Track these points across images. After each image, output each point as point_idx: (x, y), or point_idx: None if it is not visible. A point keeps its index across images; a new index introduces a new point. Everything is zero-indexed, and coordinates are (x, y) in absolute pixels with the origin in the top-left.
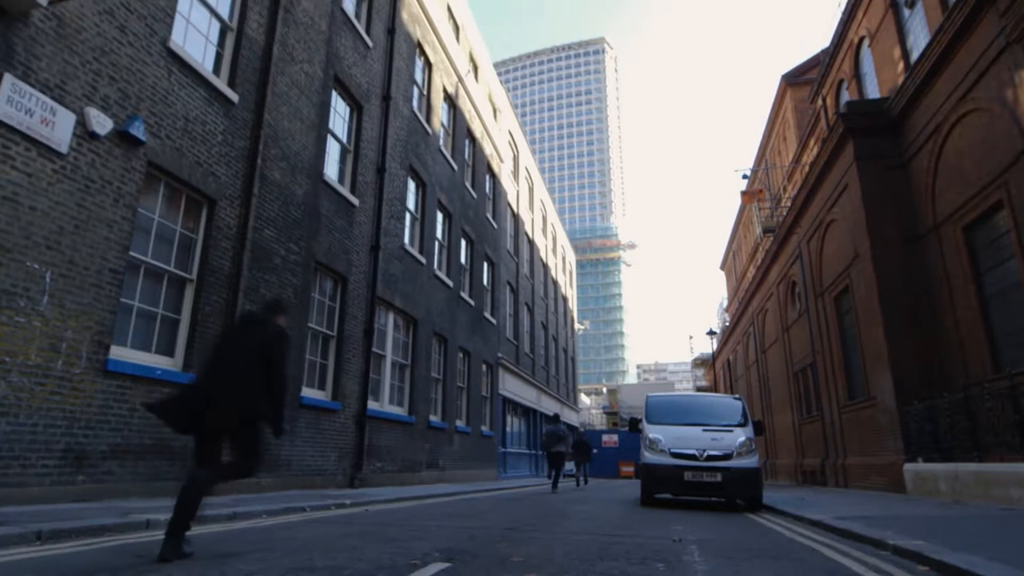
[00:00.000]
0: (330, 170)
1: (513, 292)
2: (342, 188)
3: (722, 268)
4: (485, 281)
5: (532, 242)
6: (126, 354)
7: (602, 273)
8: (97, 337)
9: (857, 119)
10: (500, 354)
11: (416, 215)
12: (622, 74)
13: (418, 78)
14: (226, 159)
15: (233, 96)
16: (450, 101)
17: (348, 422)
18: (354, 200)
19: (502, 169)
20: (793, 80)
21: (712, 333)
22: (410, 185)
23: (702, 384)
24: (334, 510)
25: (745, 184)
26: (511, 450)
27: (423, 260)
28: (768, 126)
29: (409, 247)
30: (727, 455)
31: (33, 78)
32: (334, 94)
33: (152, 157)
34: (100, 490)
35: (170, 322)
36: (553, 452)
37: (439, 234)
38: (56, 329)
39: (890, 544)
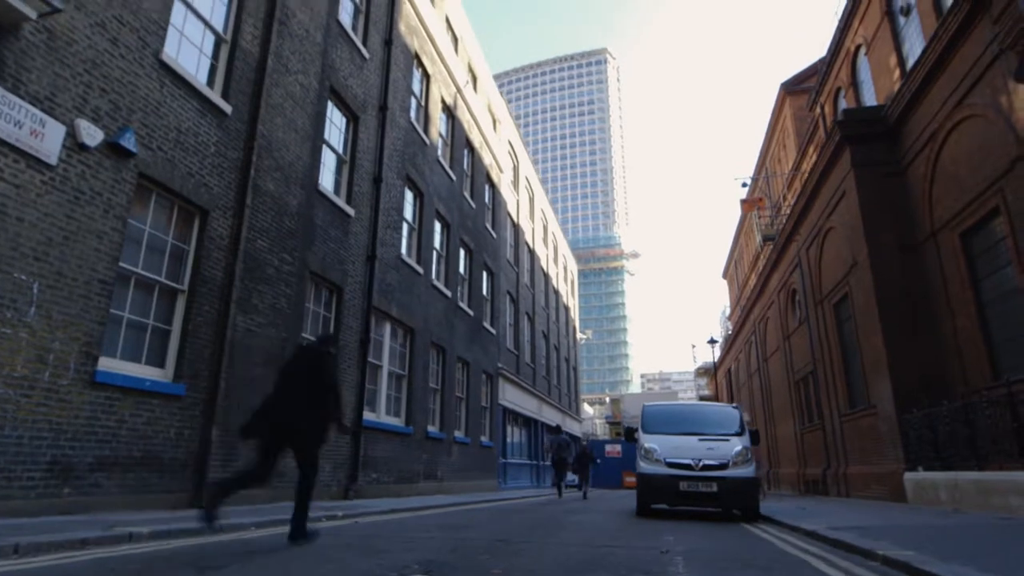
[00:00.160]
0: (325, 180)
1: (513, 302)
2: (337, 198)
3: (724, 277)
4: (484, 291)
5: (533, 252)
6: (115, 365)
7: (605, 283)
8: (85, 348)
9: (854, 126)
10: (500, 364)
11: (413, 225)
12: (624, 84)
13: (416, 89)
14: (219, 170)
15: (226, 107)
16: (448, 112)
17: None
18: (349, 210)
19: (501, 179)
20: (792, 88)
21: (713, 342)
22: (407, 195)
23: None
24: (324, 522)
25: (745, 193)
26: (512, 461)
27: (420, 270)
28: (768, 134)
29: (406, 257)
30: (723, 464)
31: (23, 90)
32: (330, 105)
33: (143, 168)
34: (87, 503)
35: (161, 333)
36: (557, 461)
37: (437, 244)
38: (43, 340)
39: (880, 555)
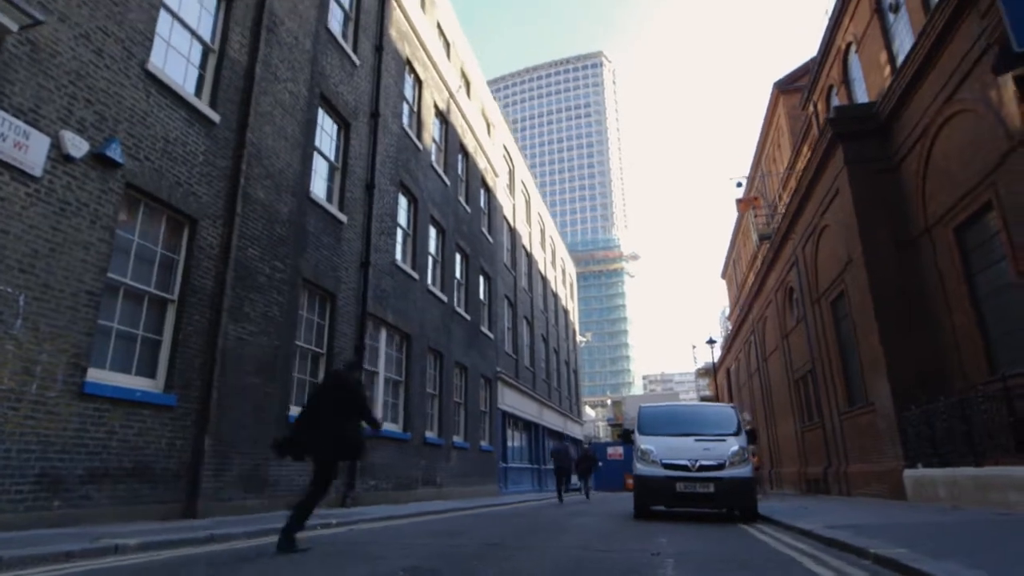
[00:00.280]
0: (317, 187)
1: (511, 306)
2: (329, 205)
3: (723, 277)
4: (482, 295)
5: (530, 255)
6: (104, 376)
7: (605, 285)
8: (73, 360)
9: (845, 124)
10: (499, 368)
11: (408, 231)
12: (620, 86)
13: (408, 94)
14: (208, 179)
15: (214, 116)
16: (442, 117)
17: None
18: (342, 217)
19: (497, 183)
20: (785, 87)
21: (711, 342)
22: (401, 201)
23: (706, 394)
24: (319, 530)
25: (741, 192)
26: (512, 465)
27: (416, 275)
28: (762, 133)
29: (401, 263)
30: (719, 465)
31: (6, 103)
32: (320, 112)
33: (130, 179)
34: (77, 515)
35: (151, 343)
36: (559, 467)
37: (432, 249)
38: (30, 352)
39: (871, 553)
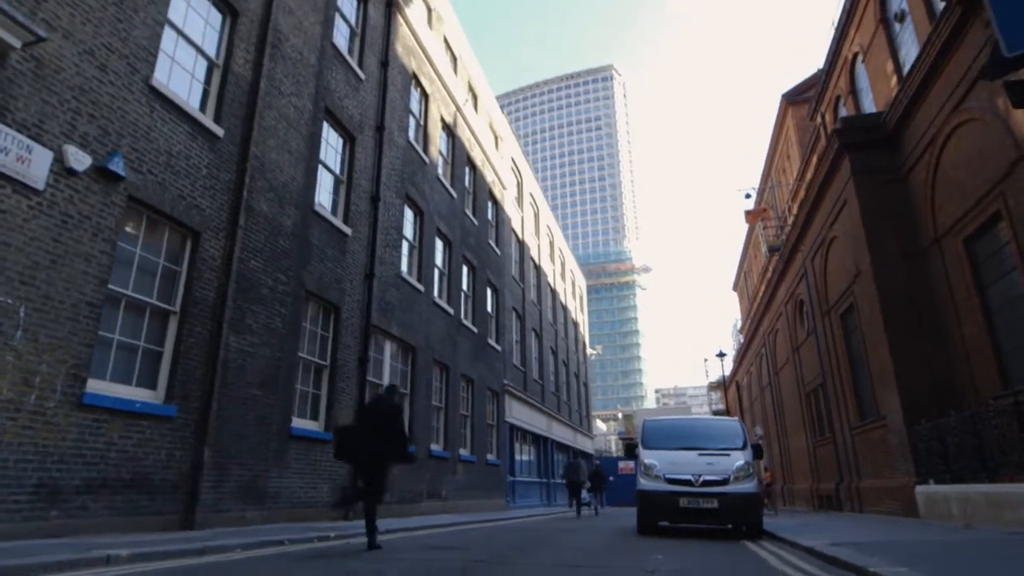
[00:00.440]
0: (321, 200)
1: (519, 318)
2: (334, 218)
3: (734, 289)
4: (489, 308)
5: (539, 268)
6: (104, 387)
7: (617, 297)
8: (73, 371)
9: (852, 134)
10: (506, 381)
11: (414, 243)
12: (631, 99)
13: (414, 108)
14: (211, 192)
15: (218, 130)
16: (448, 130)
17: None
18: (346, 229)
19: (505, 196)
20: (794, 98)
21: (721, 355)
22: (407, 213)
23: (718, 408)
24: (315, 543)
25: (751, 204)
26: (520, 479)
27: (421, 288)
28: (772, 145)
29: (406, 275)
30: (724, 480)
31: (10, 118)
32: (325, 126)
33: (133, 192)
34: (75, 526)
35: (152, 354)
36: (572, 482)
37: (439, 261)
38: (30, 363)
39: (870, 572)
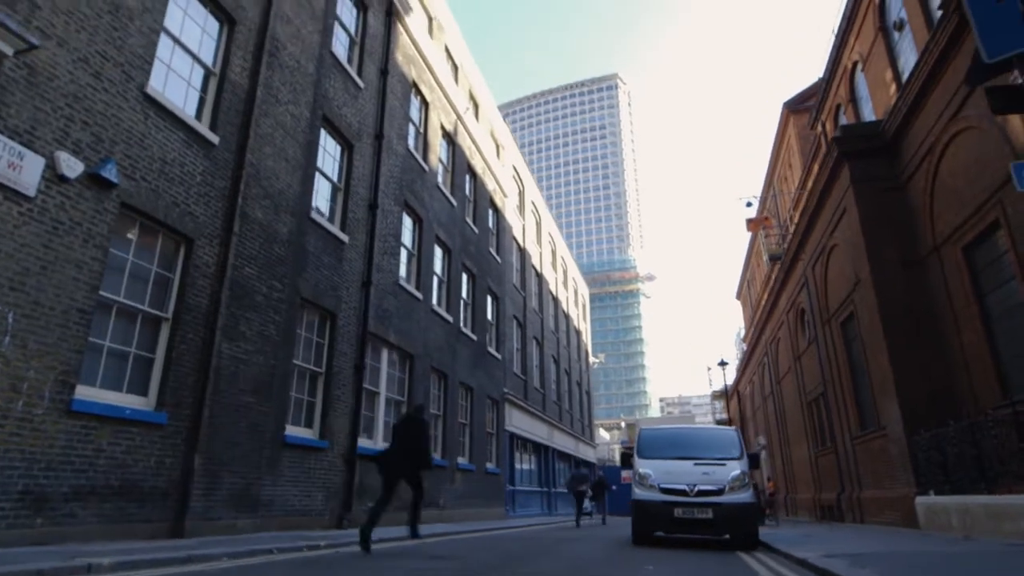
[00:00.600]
0: (318, 207)
1: (520, 326)
2: (331, 225)
3: (738, 298)
4: (489, 315)
5: (541, 276)
6: (93, 394)
7: (621, 306)
8: (62, 377)
9: (851, 143)
10: (506, 389)
11: (412, 251)
12: (635, 107)
13: (414, 116)
14: (205, 199)
15: (214, 138)
16: (449, 138)
17: (337, 461)
18: (344, 237)
19: (506, 204)
20: (795, 107)
21: (723, 364)
22: (405, 221)
23: (722, 417)
24: (305, 552)
25: (753, 212)
26: (520, 488)
27: (420, 295)
28: (773, 153)
29: (404, 282)
30: (719, 490)
31: (1, 124)
32: (323, 133)
33: (126, 198)
34: (61, 533)
35: (144, 361)
36: (576, 491)
37: (438, 269)
38: (17, 369)
39: None
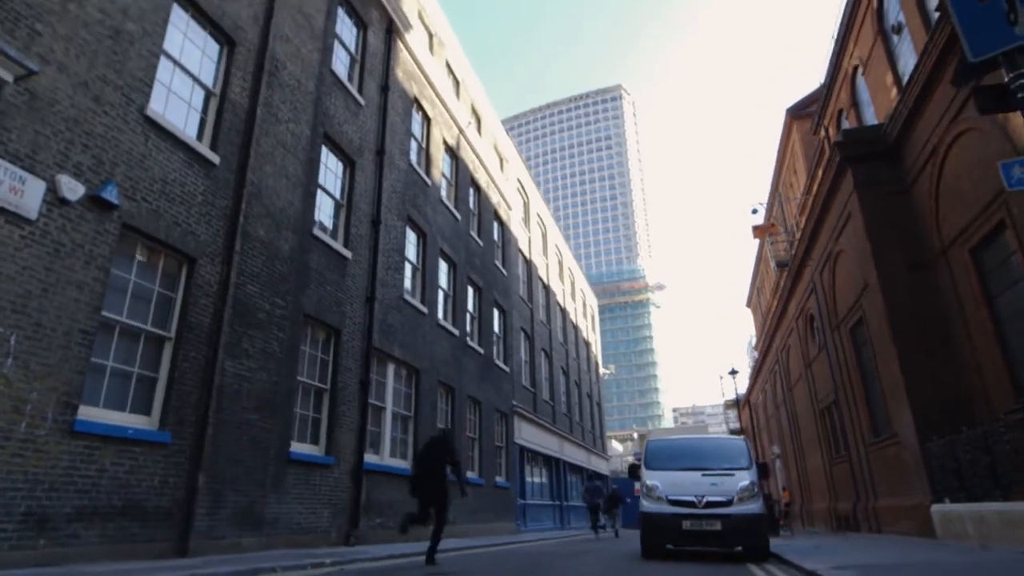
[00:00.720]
0: (320, 224)
1: (528, 338)
2: (334, 242)
3: (748, 306)
4: (496, 328)
5: (548, 287)
6: (96, 414)
7: (631, 316)
8: (64, 398)
9: (853, 147)
10: (515, 402)
11: (417, 265)
12: (640, 117)
13: (416, 132)
14: (207, 218)
15: (214, 158)
16: (451, 153)
17: (343, 477)
18: (346, 253)
19: (511, 216)
20: (798, 113)
21: (734, 373)
22: (409, 235)
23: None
24: (309, 570)
25: (759, 219)
26: (531, 501)
27: (425, 310)
28: (778, 160)
29: (409, 297)
30: (727, 501)
31: (3, 149)
32: (324, 150)
33: (127, 219)
34: (64, 554)
35: (147, 380)
36: (592, 504)
37: (443, 283)
38: (20, 391)
39: None
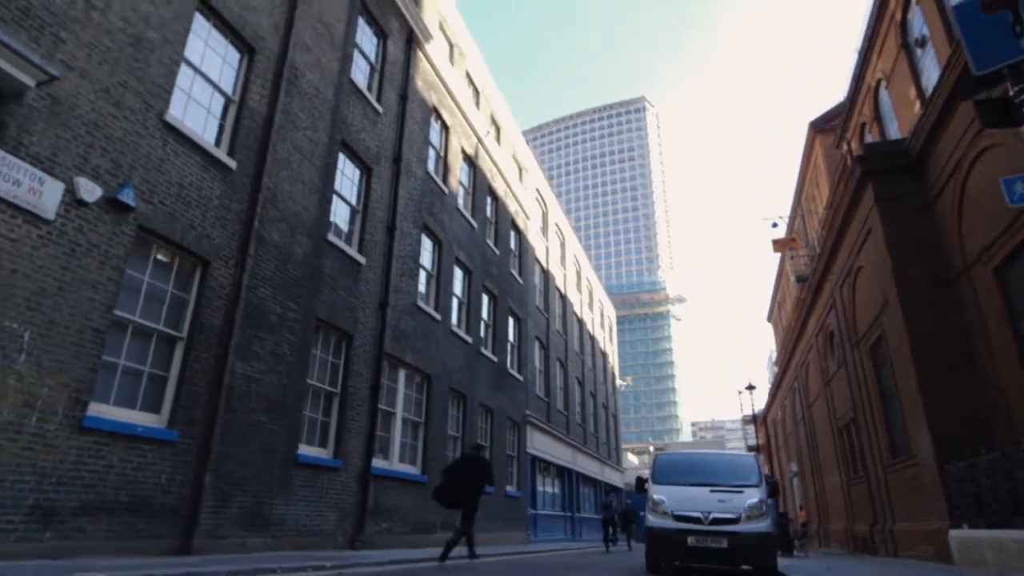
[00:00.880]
0: (335, 230)
1: (543, 348)
2: (348, 247)
3: (769, 320)
4: (511, 337)
5: (565, 297)
6: (105, 411)
7: (651, 328)
8: (75, 394)
9: (875, 161)
10: (528, 411)
11: (432, 272)
12: (664, 129)
13: (434, 140)
14: (222, 221)
15: (231, 163)
16: (470, 161)
17: (350, 481)
18: (360, 259)
19: (529, 226)
20: (821, 126)
21: (751, 388)
22: (425, 243)
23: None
24: (309, 572)
25: (780, 233)
26: (543, 512)
27: (438, 317)
28: (801, 173)
29: (422, 304)
30: (735, 518)
31: (24, 152)
32: (341, 157)
33: (143, 222)
34: (70, 547)
35: (158, 379)
36: (604, 520)
37: (458, 290)
38: (32, 386)
39: None
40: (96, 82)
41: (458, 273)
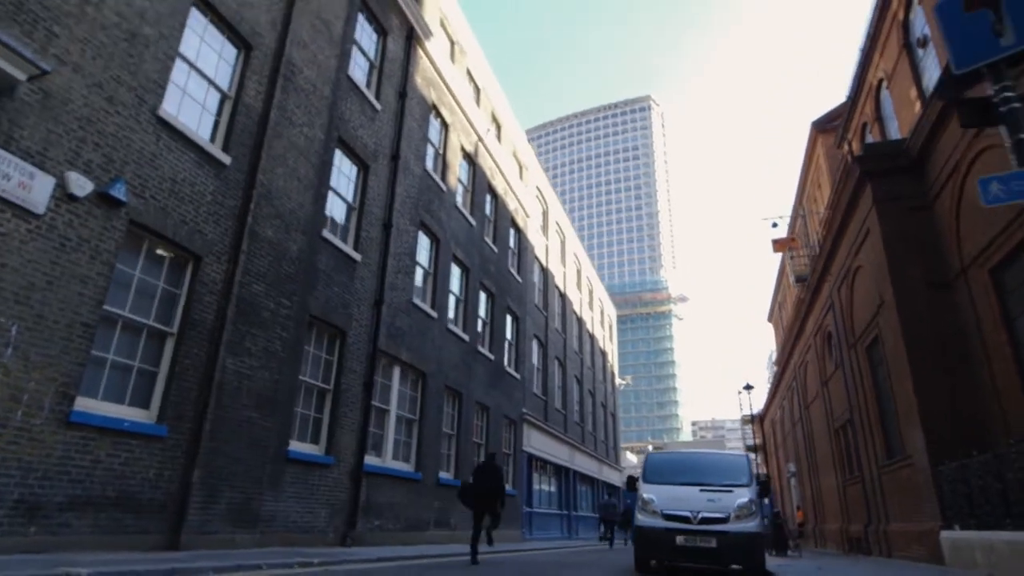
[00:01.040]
0: (330, 226)
1: (542, 346)
2: (343, 244)
3: (770, 320)
4: (508, 335)
5: (564, 295)
6: (93, 406)
7: (653, 327)
8: (62, 388)
9: (874, 161)
10: (525, 409)
11: (428, 269)
12: (669, 128)
13: (433, 138)
14: (215, 217)
15: (225, 159)
16: (469, 159)
17: (342, 478)
18: (356, 255)
19: (528, 224)
20: (823, 126)
21: (749, 388)
22: (422, 240)
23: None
24: (295, 569)
25: (777, 233)
26: (538, 510)
27: (435, 314)
28: (803, 174)
29: (419, 301)
30: (724, 518)
31: (14, 146)
32: (338, 154)
33: (135, 216)
34: (55, 542)
35: (147, 374)
36: (605, 519)
37: (455, 288)
38: (18, 380)
39: None
40: (89, 77)
41: (455, 271)
